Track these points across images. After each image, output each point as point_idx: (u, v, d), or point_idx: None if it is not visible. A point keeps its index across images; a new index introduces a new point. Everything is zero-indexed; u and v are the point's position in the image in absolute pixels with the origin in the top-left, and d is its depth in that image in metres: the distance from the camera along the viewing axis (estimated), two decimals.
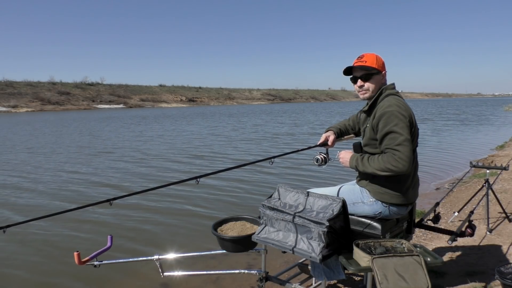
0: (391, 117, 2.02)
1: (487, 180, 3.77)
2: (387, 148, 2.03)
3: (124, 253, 3.76)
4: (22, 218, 1.88)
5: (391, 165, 1.98)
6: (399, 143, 1.97)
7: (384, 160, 2.01)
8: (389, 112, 2.03)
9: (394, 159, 1.97)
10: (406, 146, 1.96)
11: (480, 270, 2.84)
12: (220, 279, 3.27)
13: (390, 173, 2.01)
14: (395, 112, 2.03)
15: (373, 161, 2.07)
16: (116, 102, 64.18)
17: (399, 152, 1.97)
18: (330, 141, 2.46)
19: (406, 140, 1.97)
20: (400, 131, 1.99)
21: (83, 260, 2.25)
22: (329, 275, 1.95)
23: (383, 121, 2.04)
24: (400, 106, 2.06)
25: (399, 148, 1.97)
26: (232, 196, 5.90)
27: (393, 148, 1.99)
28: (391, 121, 2.01)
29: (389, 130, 2.01)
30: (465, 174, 6.70)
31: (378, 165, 2.03)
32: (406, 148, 1.96)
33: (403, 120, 2.02)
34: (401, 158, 1.96)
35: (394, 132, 2.00)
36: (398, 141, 1.98)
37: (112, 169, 8.50)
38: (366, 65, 2.16)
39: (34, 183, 7.21)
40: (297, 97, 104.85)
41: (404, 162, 1.95)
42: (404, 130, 1.99)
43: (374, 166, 2.05)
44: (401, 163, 1.96)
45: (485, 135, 14.31)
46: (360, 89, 2.23)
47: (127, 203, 5.72)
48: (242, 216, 2.51)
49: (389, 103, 2.08)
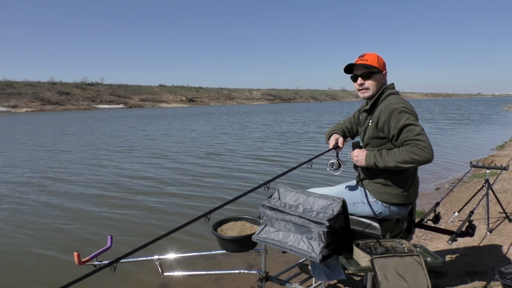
0: (402, 113, 2.03)
1: (487, 180, 3.77)
2: (406, 140, 2.00)
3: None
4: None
5: (415, 155, 1.95)
6: (418, 133, 1.97)
7: (408, 150, 1.97)
8: (398, 108, 2.04)
9: (418, 149, 1.95)
10: (425, 136, 1.98)
11: (480, 270, 2.84)
12: (220, 279, 3.27)
13: (414, 164, 1.98)
14: (404, 108, 2.05)
15: (394, 154, 2.03)
16: (116, 102, 64.17)
17: (421, 142, 1.95)
18: (340, 143, 2.41)
19: (422, 131, 1.99)
20: (415, 123, 2.01)
21: (83, 260, 2.24)
22: (329, 275, 1.95)
23: (394, 118, 2.04)
24: (406, 104, 2.09)
25: (420, 137, 1.96)
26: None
27: (414, 139, 1.97)
28: (403, 116, 2.02)
29: (404, 124, 2.01)
30: (465, 174, 6.70)
31: (402, 157, 1.99)
32: (426, 138, 1.97)
33: (413, 115, 2.05)
34: (425, 147, 1.95)
35: (410, 125, 2.00)
36: (417, 132, 1.98)
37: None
38: (367, 64, 2.16)
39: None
40: (297, 97, 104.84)
41: (429, 151, 1.95)
42: (416, 122, 2.03)
43: (397, 159, 2.00)
44: (427, 152, 1.94)
45: (485, 135, 14.31)
46: (360, 88, 2.22)
47: (127, 203, 5.73)
48: (242, 216, 2.51)
49: (396, 100, 2.10)
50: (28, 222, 4.96)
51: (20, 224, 4.86)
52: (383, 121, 2.09)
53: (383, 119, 2.08)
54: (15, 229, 4.70)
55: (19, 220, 5.03)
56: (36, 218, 5.11)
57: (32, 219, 5.05)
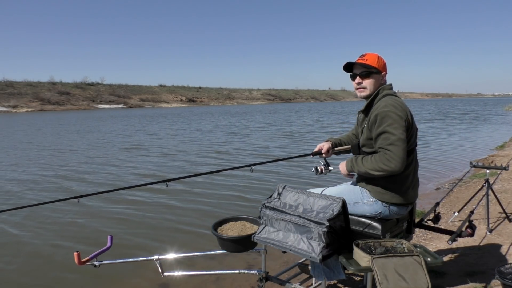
0: (385, 117, 2.03)
1: (487, 180, 3.77)
2: (379, 147, 2.05)
3: (124, 253, 3.76)
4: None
5: (383, 164, 2.00)
6: (391, 143, 1.99)
7: (377, 159, 2.04)
8: (383, 112, 2.04)
9: (385, 158, 2.00)
10: (398, 146, 1.98)
11: (480, 270, 2.84)
12: (220, 279, 3.27)
13: (383, 173, 2.03)
14: (390, 112, 2.03)
15: (367, 161, 2.10)
16: (116, 102, 64.19)
17: (390, 152, 1.99)
18: (324, 149, 2.49)
19: (399, 140, 1.98)
20: (393, 131, 2.00)
21: (83, 260, 2.25)
22: (329, 275, 1.95)
23: (378, 122, 2.06)
24: (396, 106, 2.06)
25: (390, 147, 1.99)
26: (232, 195, 5.91)
27: (385, 148, 2.01)
28: (385, 121, 2.03)
29: (382, 130, 2.03)
30: (465, 174, 6.70)
31: (371, 165, 2.06)
32: (397, 148, 1.98)
33: (397, 120, 2.02)
34: (392, 158, 1.98)
35: (387, 132, 2.01)
36: (390, 141, 2.00)
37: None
38: (366, 63, 2.17)
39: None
40: (297, 97, 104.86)
41: (396, 162, 1.97)
42: (397, 130, 2.00)
43: (367, 166, 2.08)
44: (393, 163, 1.98)
45: (485, 135, 14.31)
46: (358, 86, 2.24)
47: (126, 204, 5.73)
48: (242, 216, 2.51)
49: (385, 103, 2.09)
50: (49, 217, 5.08)
51: (42, 220, 4.98)
52: (370, 123, 2.12)
53: (371, 121, 2.11)
54: (14, 230, 4.71)
55: (39, 216, 5.11)
56: (56, 214, 5.18)
57: (52, 215, 5.14)
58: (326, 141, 2.59)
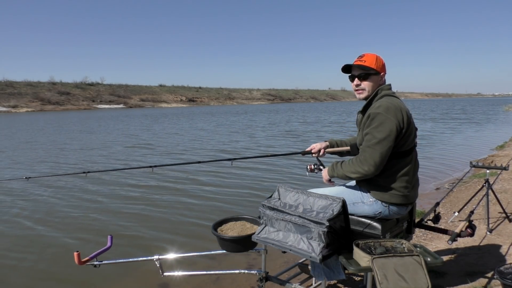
0: (374, 119, 2.04)
1: (487, 180, 3.77)
2: (360, 147, 2.10)
3: (124, 253, 3.76)
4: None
5: (358, 166, 2.05)
6: (369, 145, 2.01)
7: (353, 162, 2.08)
8: (373, 113, 2.05)
9: (359, 161, 2.04)
10: (374, 150, 1.99)
11: (480, 270, 2.84)
12: (220, 279, 3.27)
13: (358, 175, 2.07)
14: (379, 114, 2.02)
15: (345, 164, 2.13)
16: (116, 102, 64.21)
17: (365, 154, 2.02)
18: (315, 149, 2.52)
19: (378, 143, 1.99)
20: (375, 134, 2.00)
21: (83, 260, 2.25)
22: (329, 275, 1.95)
23: (368, 122, 2.08)
24: (388, 108, 2.03)
25: (367, 149, 2.02)
26: (232, 196, 5.91)
27: (363, 149, 2.05)
28: (372, 123, 2.03)
29: (367, 132, 2.05)
30: (465, 174, 6.70)
31: (349, 168, 2.10)
32: (373, 151, 2.00)
33: (384, 123, 2.00)
34: (365, 160, 2.01)
35: (370, 134, 2.03)
36: (369, 143, 2.02)
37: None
38: (364, 65, 2.16)
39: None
40: (297, 97, 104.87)
41: (368, 165, 2.00)
42: (380, 133, 1.99)
43: (346, 169, 2.12)
44: (366, 165, 2.01)
45: (485, 135, 14.31)
46: (356, 88, 2.24)
47: (126, 203, 5.73)
48: (242, 216, 2.51)
49: (379, 104, 2.08)
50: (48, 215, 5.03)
51: (41, 219, 4.90)
52: (362, 124, 2.14)
53: (363, 122, 2.14)
54: (14, 231, 4.71)
55: (39, 214, 5.07)
56: (55, 213, 5.14)
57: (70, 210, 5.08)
58: (325, 141, 2.60)
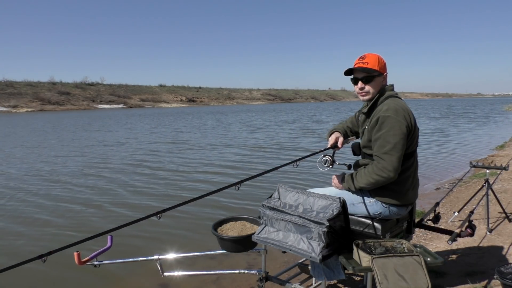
0: (385, 122, 2.02)
1: (487, 180, 3.77)
2: (375, 154, 2.06)
3: (124, 253, 3.76)
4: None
5: (376, 175, 2.02)
6: (386, 152, 1.99)
7: (370, 171, 2.05)
8: (383, 117, 2.03)
9: (378, 169, 2.01)
10: (392, 156, 1.98)
11: (480, 270, 2.84)
12: (220, 279, 3.27)
13: (376, 184, 2.05)
14: (390, 117, 2.01)
15: (361, 176, 2.11)
16: (116, 102, 64.16)
17: (383, 161, 1.99)
18: (339, 142, 2.38)
19: (394, 148, 1.98)
20: (390, 139, 1.99)
21: (83, 260, 2.24)
22: (329, 275, 1.95)
23: (378, 126, 2.05)
24: (397, 111, 2.04)
25: (384, 156, 1.99)
26: (232, 195, 5.90)
27: (379, 156, 2.02)
28: (384, 127, 2.01)
29: (379, 136, 2.03)
30: (465, 174, 6.69)
31: (366, 179, 2.08)
32: (391, 158, 1.98)
33: (396, 126, 2.00)
34: (385, 167, 1.98)
35: (383, 139, 2.01)
36: (385, 150, 1.99)
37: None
38: (367, 67, 2.13)
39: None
40: (297, 97, 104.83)
41: (389, 172, 1.99)
42: (394, 138, 1.99)
43: (363, 181, 2.09)
44: (385, 172, 1.99)
45: (485, 135, 14.31)
46: (360, 91, 2.20)
47: (127, 202, 5.73)
48: (242, 216, 2.51)
49: (387, 107, 2.07)
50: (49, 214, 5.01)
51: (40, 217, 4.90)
52: (371, 126, 2.11)
53: (372, 124, 2.10)
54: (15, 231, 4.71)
55: (37, 213, 5.07)
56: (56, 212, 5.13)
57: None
58: (333, 132, 2.49)
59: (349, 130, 2.54)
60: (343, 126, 2.55)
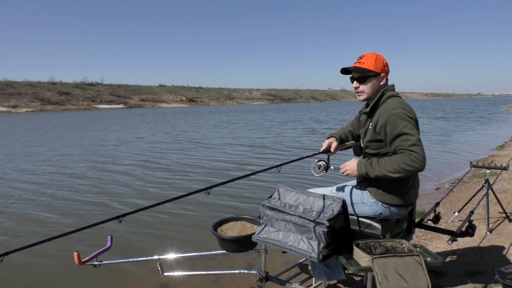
0: (398, 119, 2.02)
1: (487, 180, 3.77)
2: (400, 149, 2.01)
3: (124, 253, 3.76)
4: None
5: (406, 165, 1.96)
6: (413, 144, 1.97)
7: (398, 160, 1.99)
8: (396, 114, 2.03)
9: (410, 159, 1.96)
10: (420, 146, 1.98)
11: (480, 270, 2.84)
12: (220, 279, 3.27)
13: (404, 174, 1.99)
14: (402, 114, 2.03)
15: (385, 163, 2.03)
16: (116, 102, 64.16)
17: (414, 153, 1.96)
18: (332, 147, 2.40)
19: (419, 140, 1.99)
20: (411, 132, 1.99)
21: (83, 260, 2.25)
22: (329, 275, 1.95)
23: (391, 124, 2.03)
24: (405, 108, 2.06)
25: (414, 148, 1.97)
26: (232, 195, 5.90)
27: (408, 149, 1.98)
28: (400, 123, 2.01)
29: (400, 132, 2.00)
30: (465, 174, 6.69)
31: (392, 167, 2.00)
32: (420, 148, 1.97)
33: (410, 121, 2.02)
34: (417, 158, 1.96)
35: (405, 133, 1.99)
36: (412, 142, 1.98)
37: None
38: (362, 67, 2.14)
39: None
40: (297, 97, 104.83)
41: (420, 162, 1.96)
42: (413, 131, 2.01)
43: (387, 168, 2.01)
44: (418, 163, 1.96)
45: (485, 135, 14.31)
46: (355, 90, 2.23)
47: (126, 202, 5.73)
48: (242, 216, 2.51)
49: (394, 105, 2.08)
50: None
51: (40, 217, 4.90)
52: (380, 125, 2.09)
53: (381, 123, 2.08)
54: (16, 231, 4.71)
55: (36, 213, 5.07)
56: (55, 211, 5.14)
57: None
58: (329, 137, 2.52)
59: (350, 134, 2.54)
60: (344, 131, 2.56)
